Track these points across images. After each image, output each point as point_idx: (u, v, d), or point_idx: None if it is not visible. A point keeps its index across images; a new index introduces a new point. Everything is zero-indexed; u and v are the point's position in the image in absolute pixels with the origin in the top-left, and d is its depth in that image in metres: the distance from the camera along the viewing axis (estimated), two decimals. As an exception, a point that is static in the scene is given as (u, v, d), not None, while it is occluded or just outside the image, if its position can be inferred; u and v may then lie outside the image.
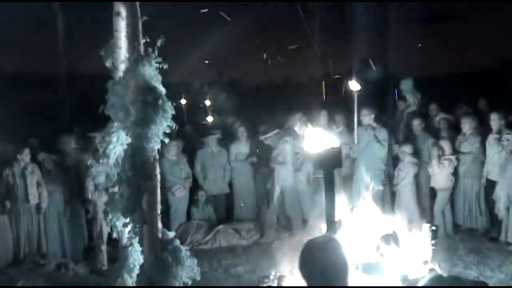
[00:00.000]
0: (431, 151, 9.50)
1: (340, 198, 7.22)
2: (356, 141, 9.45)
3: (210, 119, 11.82)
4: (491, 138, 9.08)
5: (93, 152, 8.73)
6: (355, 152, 9.62)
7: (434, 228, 5.92)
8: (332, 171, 5.10)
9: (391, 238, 6.09)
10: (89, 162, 8.26)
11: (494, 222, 9.25)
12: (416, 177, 9.64)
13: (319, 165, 5.22)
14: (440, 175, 9.34)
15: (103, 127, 4.48)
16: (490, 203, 9.31)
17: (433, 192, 9.61)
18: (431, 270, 5.24)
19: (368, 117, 9.62)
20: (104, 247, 8.69)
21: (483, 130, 9.52)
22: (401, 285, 5.12)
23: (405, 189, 9.51)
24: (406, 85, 11.43)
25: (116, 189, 8.02)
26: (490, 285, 6.67)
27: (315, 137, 5.35)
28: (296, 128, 9.61)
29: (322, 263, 2.98)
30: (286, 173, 9.88)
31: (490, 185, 9.14)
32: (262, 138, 10.44)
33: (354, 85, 8.98)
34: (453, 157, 9.26)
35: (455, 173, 9.48)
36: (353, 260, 5.99)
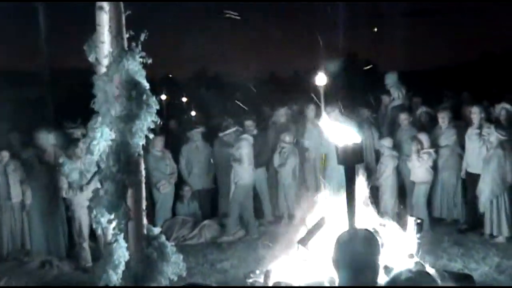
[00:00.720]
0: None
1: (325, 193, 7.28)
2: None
3: (193, 113, 11.74)
4: (471, 132, 9.15)
5: (65, 149, 8.66)
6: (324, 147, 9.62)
7: (419, 221, 5.95)
8: (354, 166, 5.11)
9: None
10: (61, 160, 8.22)
11: (473, 214, 9.33)
12: (401, 170, 9.71)
13: (342, 160, 5.20)
14: (419, 168, 9.40)
15: (85, 123, 4.44)
16: (468, 196, 9.39)
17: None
18: (417, 263, 5.27)
19: (333, 114, 9.59)
20: (86, 244, 8.57)
21: (465, 123, 9.61)
22: (385, 278, 5.14)
23: (386, 182, 9.56)
24: (391, 79, 11.47)
25: (91, 186, 8.01)
26: (475, 277, 6.73)
27: (338, 132, 5.36)
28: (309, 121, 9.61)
29: (359, 257, 2.90)
30: (242, 171, 9.80)
31: (471, 178, 9.20)
32: (221, 135, 10.44)
33: (320, 79, 9.04)
34: (431, 151, 9.35)
35: (434, 166, 9.56)
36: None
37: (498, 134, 8.56)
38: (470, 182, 9.24)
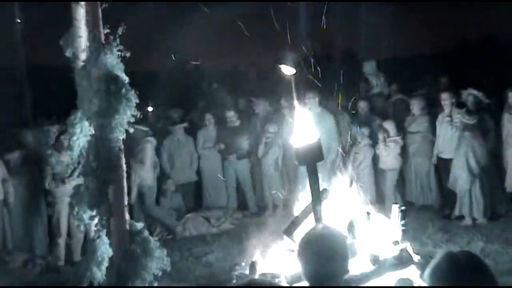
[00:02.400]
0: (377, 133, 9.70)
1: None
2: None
3: (150, 109, 11.54)
4: (442, 118, 9.29)
5: (55, 142, 8.60)
6: None
7: (403, 208, 5.97)
8: (315, 165, 5.10)
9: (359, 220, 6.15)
10: (49, 152, 8.14)
11: (447, 199, 9.53)
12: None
13: (302, 160, 5.20)
14: (387, 157, 9.53)
15: (64, 119, 4.38)
16: (441, 181, 9.56)
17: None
18: (402, 250, 5.29)
19: (312, 101, 9.59)
20: (61, 241, 8.46)
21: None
22: (371, 265, 5.15)
23: (364, 172, 9.61)
24: (369, 67, 11.49)
25: (74, 181, 7.91)
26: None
27: (296, 131, 5.34)
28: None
29: (322, 254, 2.93)
30: (142, 173, 9.74)
31: (442, 164, 9.36)
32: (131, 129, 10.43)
33: (287, 69, 9.03)
34: (398, 138, 9.48)
35: (405, 152, 9.74)
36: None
37: (463, 119, 8.72)
38: (442, 167, 9.43)
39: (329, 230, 3.15)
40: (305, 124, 5.52)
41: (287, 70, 9.12)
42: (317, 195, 5.07)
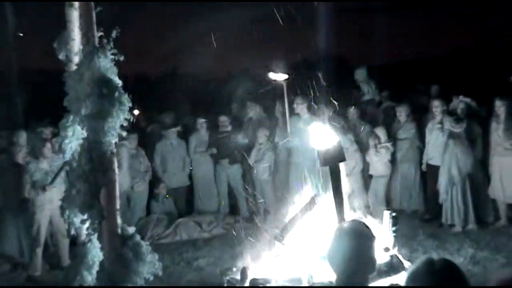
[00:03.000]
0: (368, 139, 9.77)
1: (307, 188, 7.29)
2: (289, 130, 9.62)
3: (136, 112, 11.46)
4: (432, 125, 9.40)
5: (31, 149, 8.47)
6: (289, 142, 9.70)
7: (394, 214, 5.99)
8: (338, 165, 5.18)
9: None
10: (27, 159, 8.03)
11: (430, 205, 9.66)
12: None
13: (325, 161, 5.29)
14: (378, 162, 9.61)
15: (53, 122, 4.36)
16: (428, 187, 9.68)
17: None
18: (393, 256, 5.31)
19: (301, 106, 9.66)
20: (39, 250, 8.20)
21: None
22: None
23: (356, 178, 9.65)
24: (361, 74, 11.54)
25: (55, 188, 7.85)
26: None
27: (318, 133, 5.41)
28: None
29: (356, 250, 2.93)
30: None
31: (431, 170, 9.46)
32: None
33: (278, 76, 9.19)
34: (389, 144, 9.55)
35: (393, 159, 9.84)
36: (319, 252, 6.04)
37: (451, 127, 8.83)
38: (430, 174, 9.53)
39: (366, 228, 3.14)
40: (322, 127, 5.62)
41: (279, 76, 9.26)
42: (340, 196, 5.16)
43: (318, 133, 5.47)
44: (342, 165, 5.58)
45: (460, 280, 2.52)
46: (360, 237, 2.97)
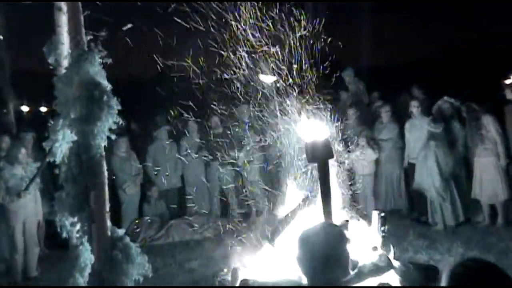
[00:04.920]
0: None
1: (293, 188, 7.33)
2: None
3: (25, 109, 11.26)
4: (409, 125, 9.63)
5: (6, 154, 8.37)
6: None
7: (383, 215, 6.03)
8: (326, 162, 5.12)
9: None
10: (1, 164, 7.93)
11: (415, 203, 9.86)
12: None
13: (312, 158, 5.22)
14: (364, 161, 9.72)
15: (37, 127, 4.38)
16: (410, 186, 9.84)
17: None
18: (381, 255, 5.34)
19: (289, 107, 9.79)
20: (18, 258, 8.11)
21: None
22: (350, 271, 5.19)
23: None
24: (348, 76, 11.58)
25: (30, 194, 7.77)
26: (440, 268, 6.84)
27: (305, 128, 5.38)
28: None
29: (322, 251, 2.83)
30: None
31: (412, 168, 9.60)
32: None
33: (267, 78, 9.26)
34: (378, 144, 9.73)
35: (376, 159, 10.03)
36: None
37: (429, 127, 9.02)
38: (411, 171, 9.69)
39: (334, 229, 3.07)
40: (312, 121, 5.61)
41: (267, 78, 9.34)
42: (328, 194, 5.09)
43: (306, 130, 5.44)
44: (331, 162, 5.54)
45: (505, 281, 2.42)
46: (328, 239, 2.88)
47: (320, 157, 5.08)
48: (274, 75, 9.08)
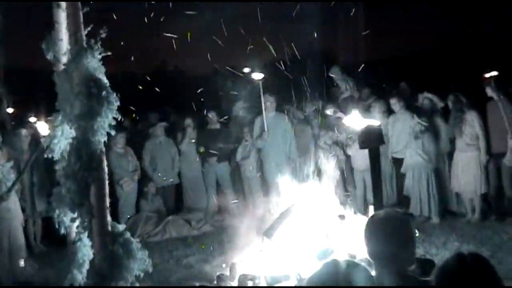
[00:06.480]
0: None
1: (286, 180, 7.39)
2: (266, 129, 9.87)
3: (10, 110, 11.14)
4: (392, 120, 9.70)
5: None
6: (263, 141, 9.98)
7: (380, 209, 6.07)
8: (378, 148, 5.24)
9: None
10: None
11: (402, 198, 9.86)
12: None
13: (364, 143, 5.34)
14: (362, 156, 9.75)
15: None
16: (397, 180, 9.94)
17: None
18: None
19: (269, 104, 10.01)
20: (5, 260, 7.66)
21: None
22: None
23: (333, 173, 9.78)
24: (335, 73, 11.58)
25: (14, 196, 7.63)
26: (436, 262, 6.89)
27: (356, 118, 5.49)
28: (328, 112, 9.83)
29: (390, 238, 2.94)
30: None
31: (397, 163, 9.74)
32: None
33: (256, 75, 9.46)
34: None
35: None
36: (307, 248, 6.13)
37: (414, 123, 9.11)
38: (396, 167, 9.79)
39: (399, 215, 3.20)
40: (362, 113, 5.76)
41: (256, 75, 9.53)
42: (379, 177, 5.22)
43: (358, 117, 5.55)
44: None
45: (491, 274, 2.52)
46: (395, 223, 3.03)
47: (372, 142, 5.19)
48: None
